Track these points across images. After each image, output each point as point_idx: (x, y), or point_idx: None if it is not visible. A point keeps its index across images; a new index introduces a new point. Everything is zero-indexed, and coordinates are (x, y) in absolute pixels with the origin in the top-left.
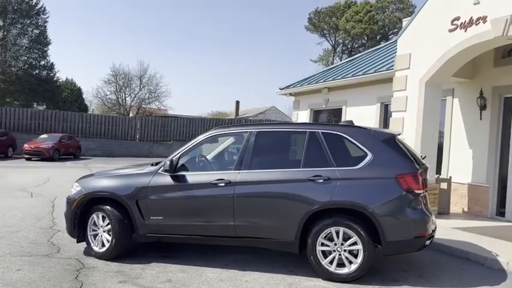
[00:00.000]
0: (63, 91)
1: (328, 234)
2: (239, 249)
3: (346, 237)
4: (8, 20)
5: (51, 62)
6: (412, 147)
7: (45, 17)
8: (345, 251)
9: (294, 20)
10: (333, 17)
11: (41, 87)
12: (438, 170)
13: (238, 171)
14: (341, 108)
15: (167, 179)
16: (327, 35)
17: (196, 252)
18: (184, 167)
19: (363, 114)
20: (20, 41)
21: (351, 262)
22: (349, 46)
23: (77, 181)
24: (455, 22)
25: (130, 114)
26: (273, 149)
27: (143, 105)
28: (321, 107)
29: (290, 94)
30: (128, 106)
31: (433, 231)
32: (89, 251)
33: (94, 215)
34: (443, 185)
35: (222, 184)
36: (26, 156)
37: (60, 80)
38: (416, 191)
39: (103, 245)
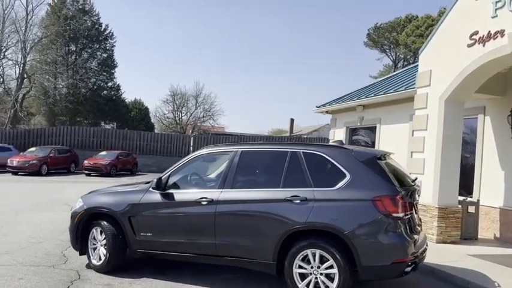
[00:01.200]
0: (131, 110)
1: (304, 256)
2: (231, 269)
3: (322, 260)
4: (80, 45)
5: (117, 83)
6: (432, 167)
7: (112, 41)
8: (321, 274)
9: (352, 37)
10: (393, 32)
11: (108, 107)
12: (467, 192)
13: (221, 189)
14: (375, 126)
15: (156, 197)
16: (387, 50)
17: (189, 269)
18: (173, 185)
19: (395, 132)
20: (89, 64)
21: (327, 286)
22: (410, 61)
23: (81, 197)
24: (473, 37)
25: (187, 132)
26: (255, 168)
27: (198, 123)
28: (356, 125)
29: (327, 112)
30: (184, 124)
31: (417, 257)
32: (89, 264)
33: (94, 230)
34: (471, 209)
35: (205, 202)
36: (86, 172)
37: (127, 100)
38: (394, 214)
39: (100, 259)
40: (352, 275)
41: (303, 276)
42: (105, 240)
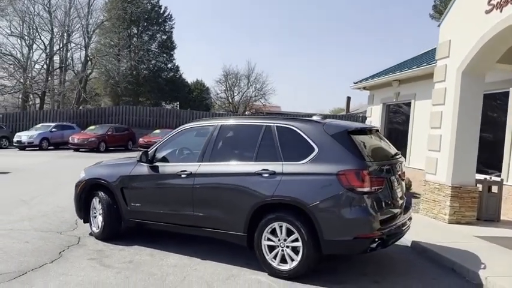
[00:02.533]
0: (193, 91)
1: (273, 229)
2: (215, 241)
3: (289, 233)
4: (141, 28)
5: (176, 64)
6: (448, 144)
7: (171, 23)
8: (287, 247)
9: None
10: None
11: (168, 88)
12: (496, 171)
13: (199, 163)
14: (410, 102)
15: (144, 169)
16: None
17: (178, 240)
18: (160, 159)
19: (430, 108)
20: (149, 46)
21: (292, 259)
22: None
23: (84, 168)
24: (491, 2)
25: (239, 112)
26: (232, 142)
27: (250, 103)
28: (392, 101)
29: (364, 88)
30: (236, 104)
31: (386, 233)
32: (91, 232)
33: (94, 199)
34: (495, 189)
35: (184, 175)
36: (141, 149)
37: (189, 81)
38: (359, 189)
39: (98, 227)
40: (316, 249)
41: (271, 248)
42: (101, 210)
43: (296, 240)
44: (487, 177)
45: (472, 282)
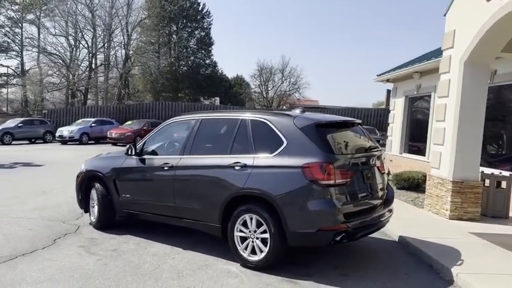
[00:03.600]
0: (233, 86)
1: (244, 220)
2: (204, 232)
3: (258, 225)
4: (181, 25)
5: (214, 60)
6: (450, 138)
7: (209, 19)
8: (257, 238)
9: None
10: None
11: (206, 83)
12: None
13: (181, 156)
14: (430, 95)
15: (133, 162)
16: None
17: (170, 231)
18: (147, 151)
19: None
20: (188, 43)
21: (261, 250)
22: None
23: (85, 160)
24: None
25: (273, 106)
26: (211, 135)
27: (284, 98)
28: (413, 94)
29: (387, 81)
30: (270, 98)
31: (352, 226)
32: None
33: (92, 190)
34: (504, 184)
35: (167, 168)
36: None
37: (228, 76)
38: (323, 182)
39: (95, 216)
40: (283, 240)
41: (243, 239)
42: (97, 200)
43: (265, 232)
44: (497, 172)
45: (445, 278)
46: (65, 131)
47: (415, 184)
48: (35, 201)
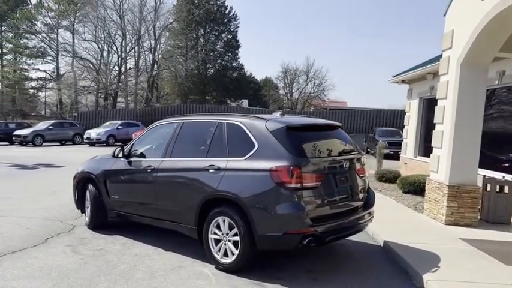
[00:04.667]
0: (261, 88)
1: (218, 223)
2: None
3: (231, 228)
4: (208, 29)
5: (240, 63)
6: (447, 141)
7: (236, 22)
8: (229, 241)
9: None
10: None
11: (233, 86)
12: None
13: (163, 158)
14: None
15: (121, 164)
16: None
17: (160, 232)
18: (134, 154)
19: None
20: (215, 46)
21: (233, 253)
22: None
23: (82, 162)
24: None
25: (297, 109)
26: (190, 138)
27: (308, 100)
28: (427, 96)
29: (403, 82)
30: (294, 100)
31: (323, 231)
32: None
33: (87, 191)
34: (506, 189)
35: (149, 170)
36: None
37: (257, 79)
38: (289, 185)
39: (89, 217)
40: (253, 243)
41: (217, 242)
42: (89, 201)
43: (236, 234)
44: (500, 176)
45: (416, 285)
46: (92, 133)
47: (420, 188)
48: (43, 201)
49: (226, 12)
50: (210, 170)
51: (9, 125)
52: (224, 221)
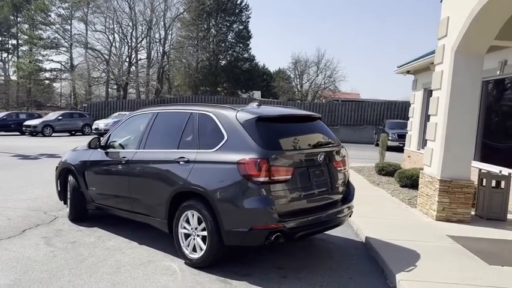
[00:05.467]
0: (274, 80)
1: (187, 217)
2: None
3: (199, 222)
4: (220, 20)
5: (252, 54)
6: (440, 133)
7: (248, 12)
8: (198, 236)
9: None
10: None
11: (244, 77)
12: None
13: (136, 150)
14: None
15: (97, 155)
16: None
17: (139, 225)
18: (111, 145)
19: None
20: (226, 37)
21: (201, 248)
22: None
23: (64, 152)
24: None
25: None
26: (164, 129)
27: (319, 91)
28: (430, 86)
29: (408, 72)
30: (304, 92)
31: (292, 226)
32: None
33: (68, 183)
34: (502, 184)
35: (124, 162)
36: None
37: (270, 70)
38: (256, 179)
39: (69, 208)
40: (221, 239)
41: (187, 236)
42: (69, 192)
43: (204, 229)
44: (497, 170)
45: (390, 285)
46: (100, 123)
47: (418, 182)
48: (33, 191)
49: (238, 2)
50: (180, 162)
51: (20, 116)
52: (193, 215)
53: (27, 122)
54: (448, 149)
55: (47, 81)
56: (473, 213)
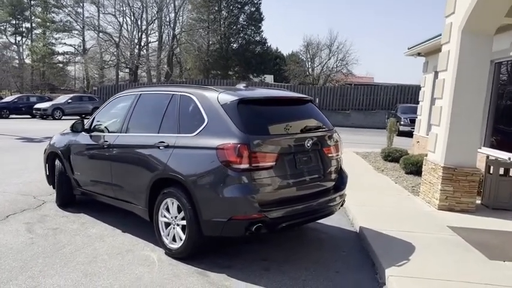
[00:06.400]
0: (287, 63)
1: (167, 205)
2: None
3: (179, 211)
4: (230, 1)
5: (264, 37)
6: (445, 117)
7: None
8: (178, 225)
9: None
10: None
11: (255, 61)
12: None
13: (118, 134)
14: None
15: (82, 138)
16: None
17: (125, 212)
18: (95, 128)
19: None
20: (237, 19)
21: (180, 238)
22: None
23: (53, 135)
24: None
25: (319, 84)
26: (146, 112)
27: (331, 75)
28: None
29: (419, 54)
30: (316, 76)
31: (275, 216)
32: None
33: (55, 167)
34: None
35: (106, 146)
36: None
37: (282, 54)
38: (236, 165)
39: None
40: (200, 229)
41: (167, 225)
42: (56, 177)
43: (184, 218)
44: (507, 157)
45: (378, 280)
46: None
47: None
48: (28, 175)
49: None
50: (160, 147)
51: (30, 99)
52: (173, 203)
53: (38, 105)
54: (452, 135)
55: (60, 65)
56: (478, 202)
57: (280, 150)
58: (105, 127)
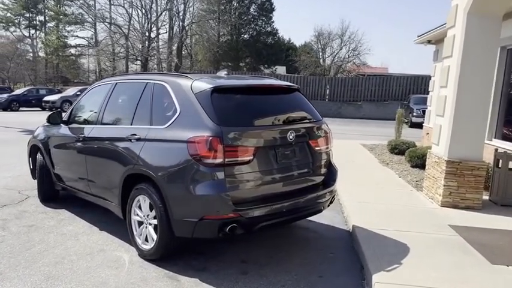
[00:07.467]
0: (300, 54)
1: (139, 203)
2: None
3: (151, 209)
4: None
5: (275, 28)
6: (450, 107)
7: None
8: (150, 224)
9: None
10: None
11: (266, 52)
12: None
13: (93, 126)
14: None
15: (61, 131)
16: None
17: (105, 210)
18: (74, 120)
19: None
20: (248, 10)
21: (152, 238)
22: None
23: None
24: None
25: (330, 75)
26: (120, 102)
27: (343, 65)
28: None
29: (429, 42)
30: (327, 66)
31: (251, 216)
32: None
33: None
34: None
35: (81, 139)
36: None
37: (294, 44)
38: (207, 160)
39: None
40: (171, 229)
41: (140, 224)
42: (37, 171)
43: (155, 217)
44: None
45: (365, 287)
46: None
47: None
48: (19, 169)
49: None
50: (132, 140)
51: (40, 91)
52: (145, 201)
53: (46, 98)
54: (457, 126)
55: (72, 57)
56: (486, 198)
57: (259, 143)
58: (83, 119)
